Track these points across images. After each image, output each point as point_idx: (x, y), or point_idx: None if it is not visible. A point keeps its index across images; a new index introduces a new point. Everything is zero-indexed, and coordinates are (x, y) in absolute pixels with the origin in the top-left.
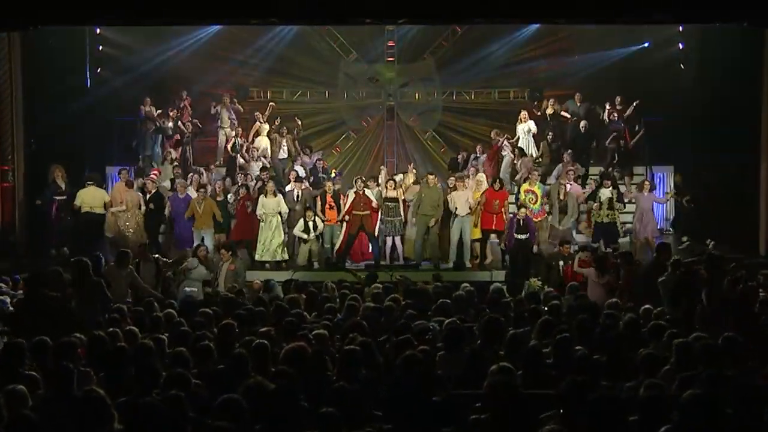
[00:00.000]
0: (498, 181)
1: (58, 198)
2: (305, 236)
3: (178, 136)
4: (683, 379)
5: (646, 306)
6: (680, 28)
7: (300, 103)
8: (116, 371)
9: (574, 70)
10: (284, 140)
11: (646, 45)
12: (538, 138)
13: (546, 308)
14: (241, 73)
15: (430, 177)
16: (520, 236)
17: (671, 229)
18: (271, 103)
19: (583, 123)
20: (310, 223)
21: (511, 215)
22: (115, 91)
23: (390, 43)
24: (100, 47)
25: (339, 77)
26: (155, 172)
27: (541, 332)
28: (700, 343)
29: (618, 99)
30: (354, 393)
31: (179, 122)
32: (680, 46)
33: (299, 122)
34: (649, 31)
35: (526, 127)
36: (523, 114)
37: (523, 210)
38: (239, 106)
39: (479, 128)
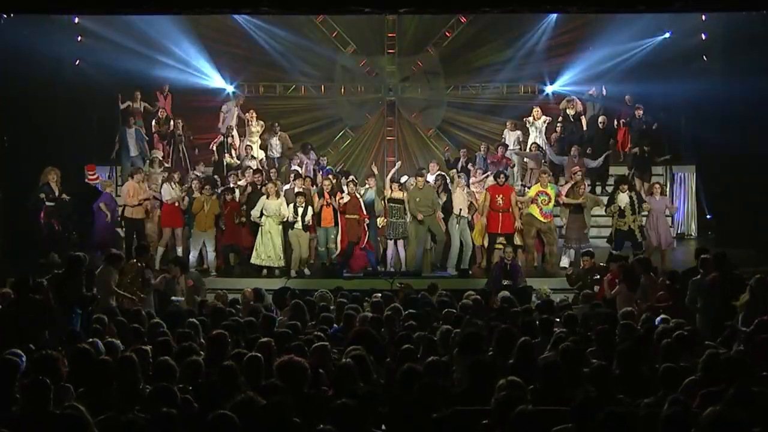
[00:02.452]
0: (501, 175)
1: (48, 203)
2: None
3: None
4: (706, 395)
5: (664, 316)
6: (703, 18)
7: (294, 98)
8: (98, 386)
9: (588, 63)
10: (277, 138)
11: (666, 36)
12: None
13: (558, 318)
14: (232, 67)
15: (419, 178)
16: (505, 282)
17: (692, 234)
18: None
19: (601, 118)
20: (300, 209)
21: (499, 260)
22: (96, 85)
23: (391, 34)
24: (79, 38)
25: (336, 71)
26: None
27: (554, 344)
28: (725, 355)
29: (627, 97)
30: (352, 409)
31: (168, 118)
32: (703, 36)
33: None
34: (670, 20)
35: (540, 125)
36: (536, 111)
37: (510, 251)
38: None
39: (486, 125)
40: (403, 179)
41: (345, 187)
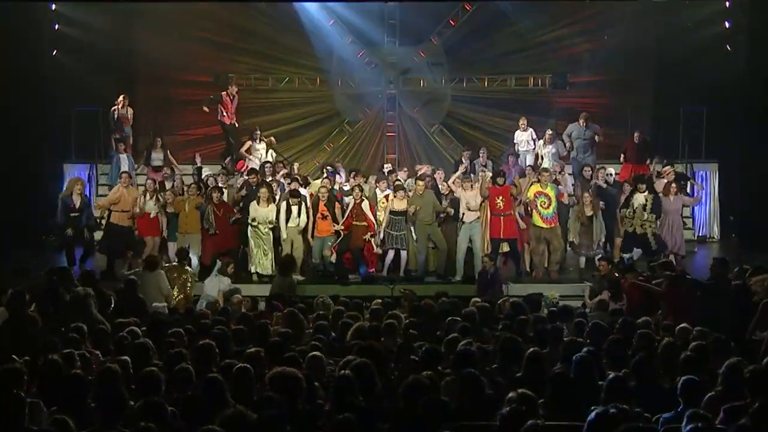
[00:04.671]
0: (501, 175)
1: (72, 215)
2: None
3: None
4: (729, 410)
5: (683, 325)
6: (727, 4)
7: (287, 91)
8: (73, 401)
9: (603, 53)
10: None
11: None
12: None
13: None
14: (220, 57)
15: (419, 183)
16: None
17: (715, 237)
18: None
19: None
20: (294, 209)
21: (482, 269)
22: (74, 77)
23: (391, 23)
24: (56, 25)
25: (332, 62)
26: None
27: (566, 354)
28: (750, 368)
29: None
30: (349, 425)
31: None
32: (727, 24)
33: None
34: (691, 7)
35: (550, 149)
36: (548, 134)
37: (488, 260)
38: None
39: (493, 120)
40: (402, 178)
41: (346, 194)
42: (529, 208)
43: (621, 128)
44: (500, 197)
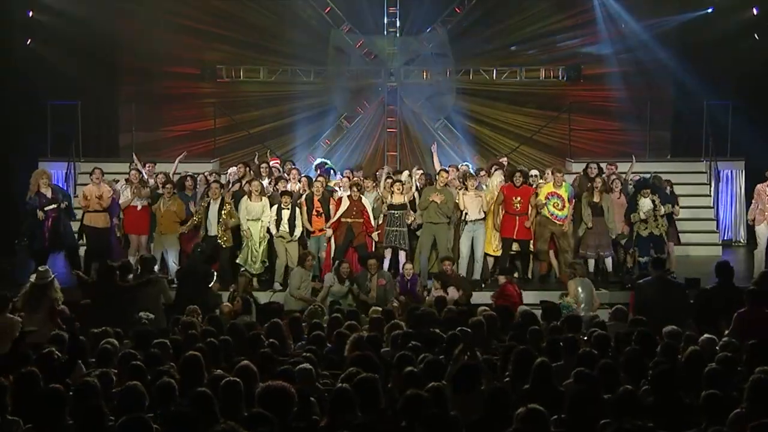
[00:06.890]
0: (519, 174)
1: (49, 209)
2: (275, 231)
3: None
4: (757, 428)
5: (708, 336)
6: None
7: (281, 84)
8: (50, 417)
9: (619, 42)
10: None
11: (709, 10)
12: None
13: (585, 338)
14: (208, 48)
15: (443, 175)
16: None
17: (741, 241)
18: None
19: None
20: (286, 212)
21: (400, 277)
22: (50, 67)
23: (391, 10)
24: (30, 12)
25: (329, 52)
26: None
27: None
28: None
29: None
30: None
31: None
32: (755, 11)
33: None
34: None
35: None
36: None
37: (409, 267)
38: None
39: (502, 115)
40: (404, 177)
41: (341, 190)
42: (538, 211)
43: (639, 124)
44: (518, 197)
